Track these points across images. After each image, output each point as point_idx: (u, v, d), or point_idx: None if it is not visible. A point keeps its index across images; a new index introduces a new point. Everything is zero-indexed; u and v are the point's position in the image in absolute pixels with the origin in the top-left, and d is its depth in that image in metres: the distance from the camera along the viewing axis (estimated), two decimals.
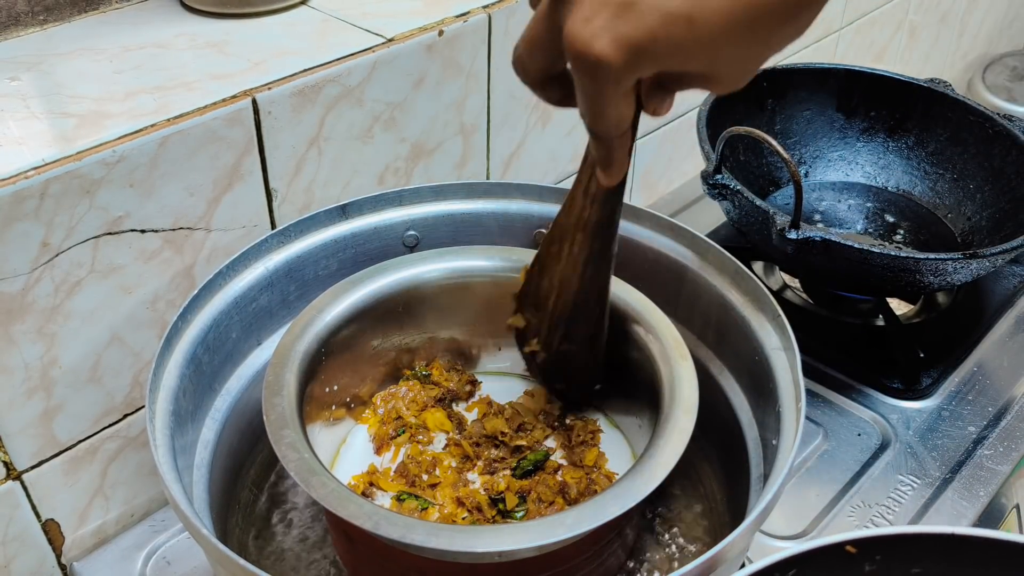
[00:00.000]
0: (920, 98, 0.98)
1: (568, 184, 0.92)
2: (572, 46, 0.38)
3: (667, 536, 0.65)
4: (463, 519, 0.58)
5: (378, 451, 0.63)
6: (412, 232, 0.69)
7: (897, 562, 0.38)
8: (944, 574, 0.38)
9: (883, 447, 0.77)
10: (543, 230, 0.70)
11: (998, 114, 0.94)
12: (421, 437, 0.64)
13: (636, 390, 0.61)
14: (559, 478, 0.60)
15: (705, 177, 0.83)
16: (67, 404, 0.62)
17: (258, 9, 0.72)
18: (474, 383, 0.69)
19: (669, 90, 0.43)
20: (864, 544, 0.38)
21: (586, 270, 0.55)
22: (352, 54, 0.67)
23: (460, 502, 0.59)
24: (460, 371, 0.69)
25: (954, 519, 0.70)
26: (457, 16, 0.73)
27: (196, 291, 0.58)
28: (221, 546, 0.44)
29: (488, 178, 0.84)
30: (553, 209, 0.69)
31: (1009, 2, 1.74)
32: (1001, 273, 0.96)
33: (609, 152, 0.45)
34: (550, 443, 0.63)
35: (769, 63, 1.08)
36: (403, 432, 0.64)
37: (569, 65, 0.39)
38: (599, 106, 0.41)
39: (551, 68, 0.44)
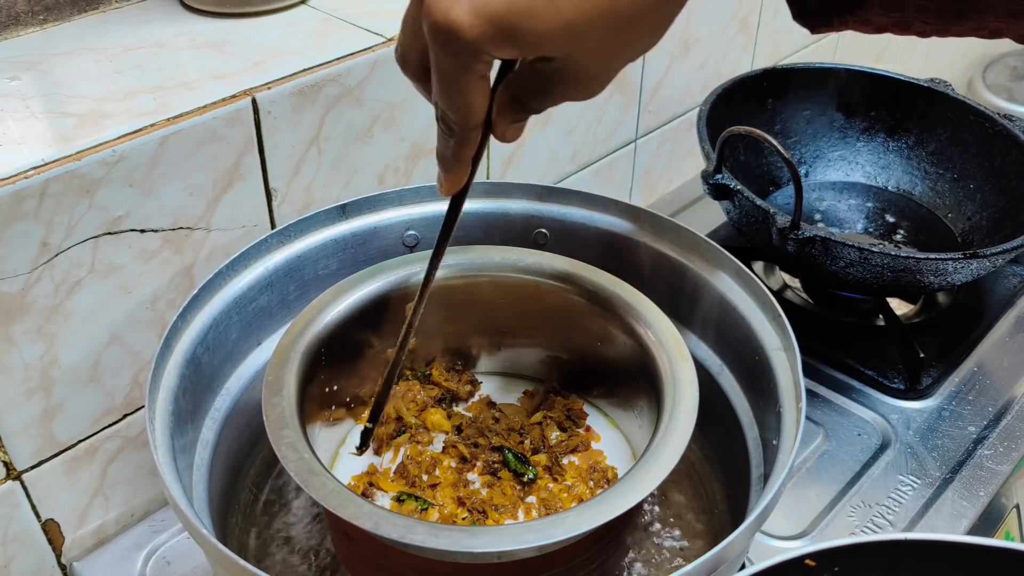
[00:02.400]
0: (920, 98, 0.98)
1: (568, 184, 0.93)
2: (429, 15, 0.37)
3: (667, 536, 0.65)
4: (463, 519, 0.58)
5: (378, 451, 0.63)
6: (412, 232, 0.69)
7: (856, 572, 0.38)
8: None
9: (883, 447, 0.77)
10: (543, 230, 0.70)
11: (998, 114, 0.94)
12: (421, 437, 0.64)
13: (636, 390, 0.61)
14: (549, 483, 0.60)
15: (705, 177, 0.82)
16: (67, 404, 0.62)
17: (258, 9, 0.72)
18: (474, 383, 0.69)
19: (524, 106, 0.42)
20: (822, 556, 0.38)
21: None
22: (352, 54, 0.67)
23: (460, 502, 0.59)
24: (460, 371, 0.69)
25: (954, 519, 0.70)
26: None
27: (196, 291, 0.58)
28: (221, 546, 0.44)
29: (488, 178, 0.84)
30: (553, 209, 0.69)
31: None
32: (1001, 273, 0.96)
33: (453, 149, 0.44)
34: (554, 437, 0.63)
35: (769, 63, 1.08)
36: (403, 432, 0.64)
37: (426, 36, 0.38)
38: (451, 84, 0.39)
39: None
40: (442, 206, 0.69)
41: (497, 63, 0.41)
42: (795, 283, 0.95)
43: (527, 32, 0.36)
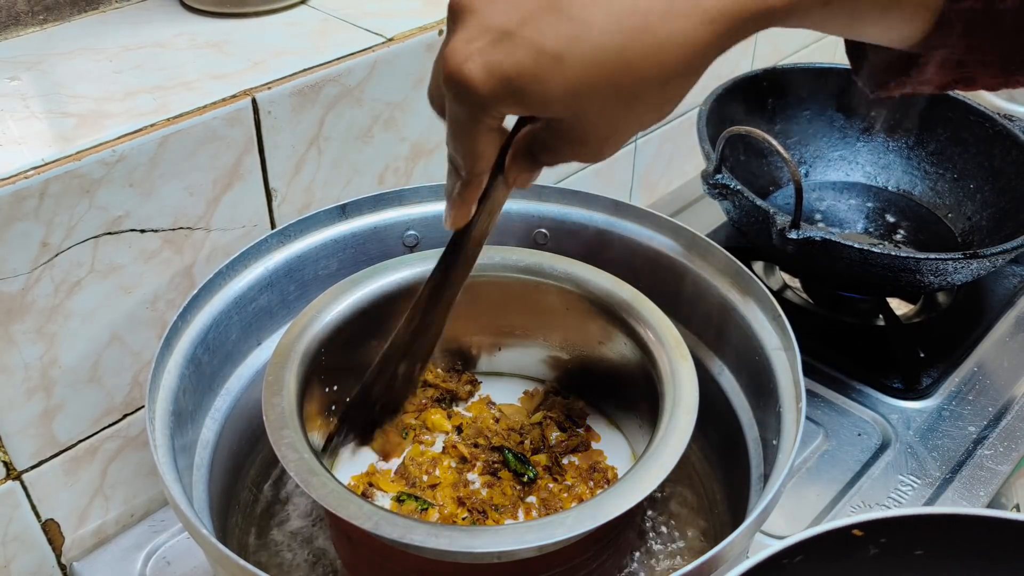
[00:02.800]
0: (920, 98, 0.98)
1: (568, 184, 0.93)
2: (445, 65, 0.38)
3: (667, 536, 0.65)
4: (463, 519, 0.58)
5: (386, 457, 0.63)
6: (412, 232, 0.69)
7: (901, 544, 0.38)
8: (947, 555, 0.38)
9: (883, 447, 0.77)
10: (543, 230, 0.70)
11: (998, 114, 0.94)
12: (427, 438, 0.64)
13: (636, 390, 0.61)
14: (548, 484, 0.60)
15: (705, 177, 0.82)
16: (67, 404, 0.62)
17: (258, 9, 0.72)
18: (474, 383, 0.69)
19: (536, 159, 0.43)
20: (870, 527, 0.38)
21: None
22: (352, 54, 0.67)
23: (460, 502, 0.59)
24: (460, 371, 0.69)
25: None
26: None
27: (196, 291, 0.58)
28: (221, 546, 0.44)
29: None
30: (553, 209, 0.69)
31: None
32: (1001, 273, 0.96)
33: (459, 189, 0.45)
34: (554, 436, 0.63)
35: (769, 63, 1.08)
36: (406, 435, 0.64)
37: (442, 84, 0.39)
38: (460, 133, 0.41)
39: None
40: (442, 206, 0.69)
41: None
42: (795, 283, 0.95)
43: (534, 93, 0.37)
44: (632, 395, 0.62)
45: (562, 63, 0.36)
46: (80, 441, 0.64)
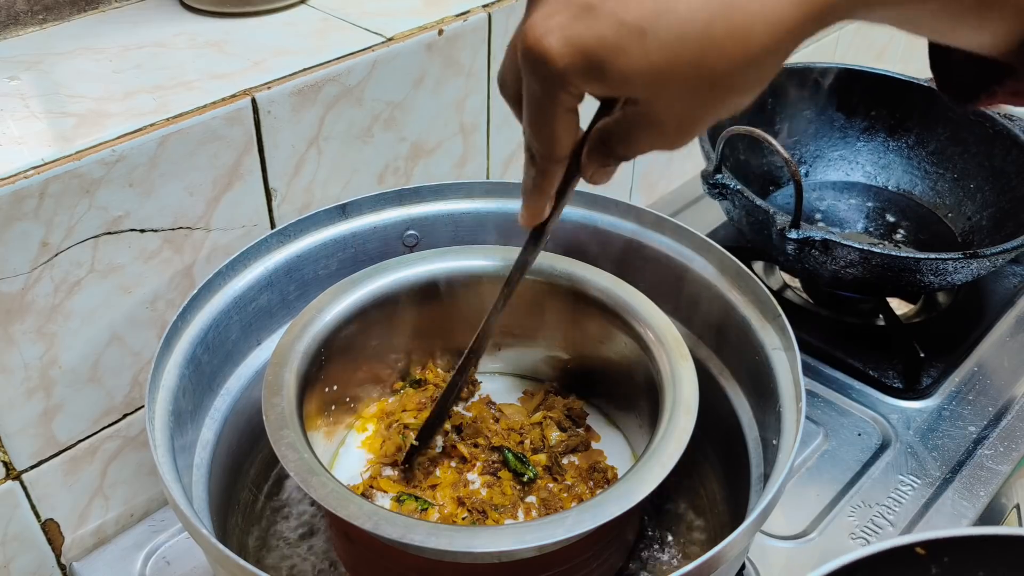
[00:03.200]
0: (920, 97, 0.98)
1: None
2: (524, 40, 0.37)
3: (667, 536, 0.65)
4: (463, 519, 0.58)
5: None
6: (412, 232, 0.69)
7: (964, 564, 0.38)
8: None
9: (883, 447, 0.77)
10: None
11: (998, 114, 0.94)
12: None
13: (636, 390, 0.61)
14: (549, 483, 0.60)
15: (705, 177, 0.82)
16: (67, 404, 0.62)
17: (258, 8, 0.72)
18: (474, 383, 0.69)
19: (612, 151, 0.42)
20: (933, 546, 0.37)
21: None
22: (352, 53, 0.67)
23: (460, 502, 0.59)
24: None
25: (954, 519, 0.70)
26: (457, 15, 0.73)
27: (196, 291, 0.58)
28: (221, 546, 0.44)
29: (488, 178, 0.84)
30: None
31: None
32: (1001, 273, 0.96)
33: (535, 179, 0.44)
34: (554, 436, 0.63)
35: None
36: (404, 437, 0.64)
37: (519, 61, 0.38)
38: (538, 111, 0.40)
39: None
40: (443, 205, 0.69)
41: (591, 110, 0.42)
42: (795, 283, 0.95)
43: (613, 69, 0.36)
44: (632, 395, 0.62)
45: (644, 37, 0.35)
46: (80, 441, 0.64)
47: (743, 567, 0.65)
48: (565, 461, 0.62)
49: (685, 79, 0.36)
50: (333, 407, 0.63)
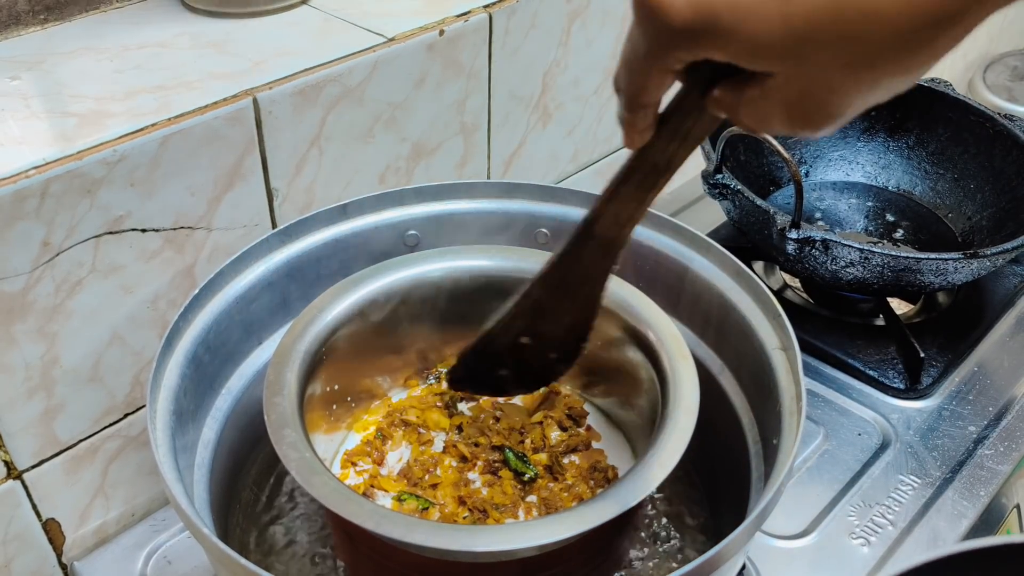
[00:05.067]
0: (920, 98, 0.98)
1: (568, 184, 0.93)
2: None
3: (667, 536, 0.65)
4: (464, 519, 0.58)
5: (380, 462, 0.63)
6: (413, 232, 0.69)
7: None
8: None
9: (883, 447, 0.77)
10: (543, 230, 0.70)
11: (998, 114, 0.94)
12: (428, 436, 0.64)
13: (636, 390, 0.61)
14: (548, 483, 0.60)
15: (706, 177, 0.83)
16: (68, 403, 0.62)
17: (259, 9, 0.72)
18: None
19: (740, 120, 0.35)
20: None
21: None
22: (353, 54, 0.67)
23: (461, 501, 0.59)
24: None
25: (955, 519, 0.70)
26: (458, 16, 0.73)
27: (197, 290, 0.58)
28: (222, 545, 0.45)
29: (488, 178, 0.84)
30: (553, 209, 0.69)
31: None
32: (1001, 273, 0.96)
33: (622, 113, 0.39)
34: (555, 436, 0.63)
35: None
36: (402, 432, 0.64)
37: (632, 5, 0.33)
38: (632, 62, 0.35)
39: (650, 81, 0.36)
40: (443, 206, 0.69)
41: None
42: (795, 283, 0.95)
43: (745, 35, 0.31)
44: (632, 395, 0.63)
45: (789, 2, 0.30)
46: (81, 440, 0.64)
47: (743, 567, 0.65)
48: (566, 460, 0.63)
49: (833, 52, 0.30)
50: (334, 406, 0.63)
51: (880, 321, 0.89)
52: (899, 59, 0.31)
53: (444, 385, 0.67)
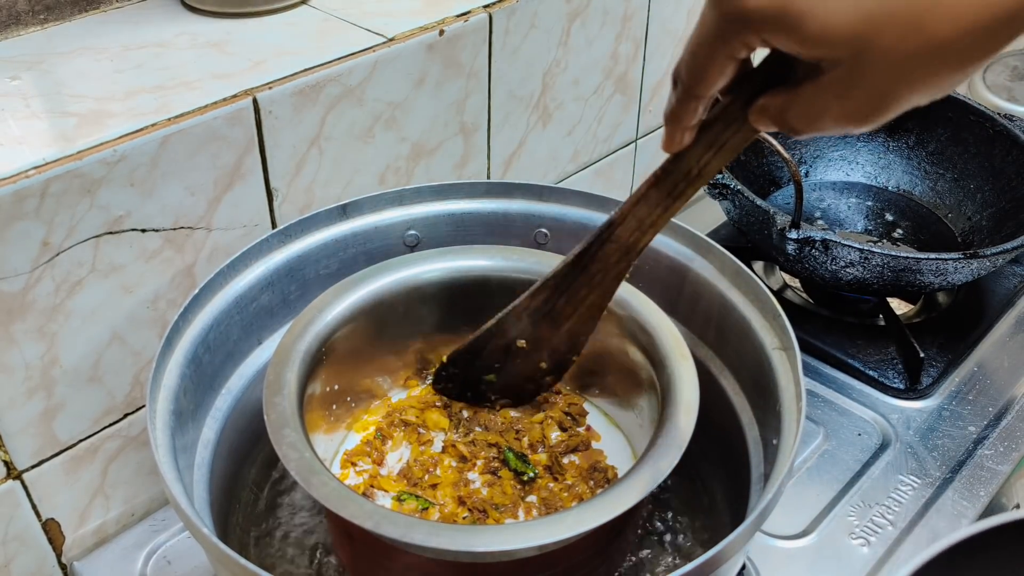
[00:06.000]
0: None
1: (568, 184, 0.93)
2: None
3: (667, 536, 0.65)
4: (464, 519, 0.58)
5: (380, 462, 0.63)
6: (413, 232, 0.69)
7: None
8: None
9: (883, 447, 0.77)
10: (543, 230, 0.70)
11: (998, 114, 0.94)
12: (428, 436, 0.64)
13: (636, 390, 0.61)
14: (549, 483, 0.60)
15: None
16: (68, 403, 0.62)
17: (259, 9, 0.72)
18: None
19: (787, 122, 0.37)
20: None
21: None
22: (353, 54, 0.67)
23: (461, 501, 0.59)
24: None
25: (955, 519, 0.70)
26: (458, 16, 0.73)
27: (197, 290, 0.58)
28: (222, 545, 0.45)
29: (488, 178, 0.84)
30: (553, 209, 0.69)
31: None
32: (1001, 273, 0.96)
33: (673, 104, 0.40)
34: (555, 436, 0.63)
35: None
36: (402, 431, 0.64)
37: None
38: (700, 43, 0.36)
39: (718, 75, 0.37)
40: (443, 206, 0.69)
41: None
42: (795, 283, 0.95)
43: (814, 21, 0.31)
44: (632, 395, 0.63)
45: None
46: (81, 440, 0.64)
47: (743, 567, 0.65)
48: (565, 460, 0.62)
49: (901, 41, 0.31)
50: (334, 406, 0.63)
51: (880, 321, 0.89)
52: (959, 54, 0.32)
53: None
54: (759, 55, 0.38)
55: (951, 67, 0.32)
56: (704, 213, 1.04)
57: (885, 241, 0.97)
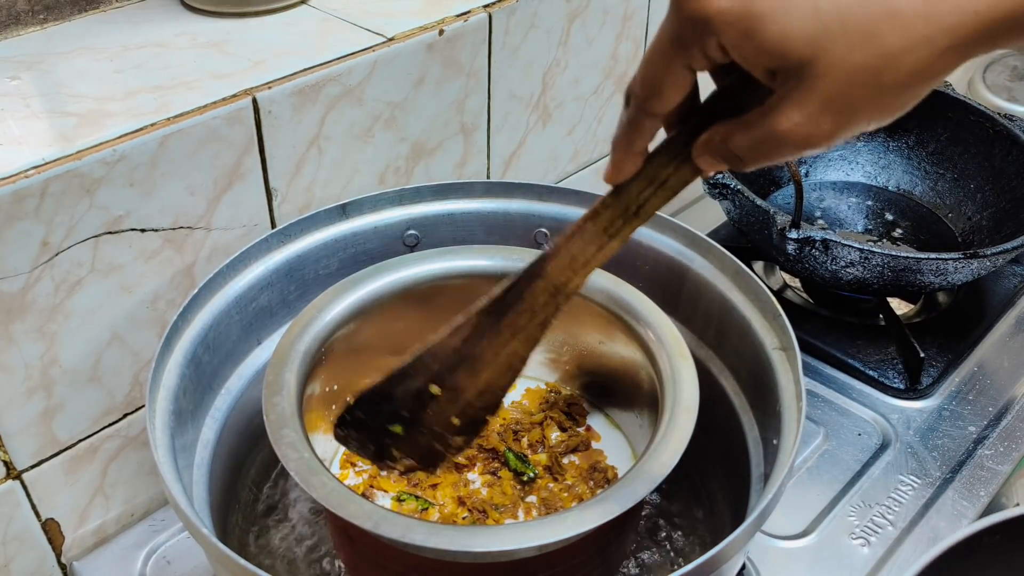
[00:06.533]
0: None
1: (568, 184, 0.93)
2: None
3: (667, 536, 0.65)
4: (463, 519, 0.58)
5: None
6: (412, 231, 0.69)
7: None
8: None
9: (883, 447, 0.77)
10: (543, 230, 0.70)
11: (998, 114, 0.94)
12: None
13: (636, 390, 0.61)
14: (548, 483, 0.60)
15: (705, 177, 0.82)
16: (67, 403, 0.62)
17: (258, 8, 0.72)
18: None
19: (731, 152, 0.37)
20: None
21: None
22: (352, 53, 0.67)
23: (460, 502, 0.59)
24: None
25: (955, 519, 0.70)
26: (457, 15, 0.73)
27: (196, 290, 0.58)
28: (221, 546, 0.44)
29: (488, 178, 0.84)
30: (553, 209, 0.69)
31: None
32: (1001, 273, 0.96)
33: (623, 127, 0.39)
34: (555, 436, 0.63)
35: None
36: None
37: None
38: (657, 54, 0.36)
39: (673, 90, 0.37)
40: (443, 205, 0.69)
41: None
42: (795, 283, 0.95)
43: (774, 28, 0.32)
44: (632, 395, 0.62)
45: (818, 5, 0.31)
46: (80, 440, 0.64)
47: (743, 567, 0.65)
48: (565, 461, 0.62)
49: (852, 50, 0.32)
50: (334, 407, 0.63)
51: (880, 321, 0.89)
52: (909, 68, 0.32)
53: None
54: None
55: (901, 83, 0.33)
56: (704, 213, 1.04)
57: (885, 241, 0.97)
